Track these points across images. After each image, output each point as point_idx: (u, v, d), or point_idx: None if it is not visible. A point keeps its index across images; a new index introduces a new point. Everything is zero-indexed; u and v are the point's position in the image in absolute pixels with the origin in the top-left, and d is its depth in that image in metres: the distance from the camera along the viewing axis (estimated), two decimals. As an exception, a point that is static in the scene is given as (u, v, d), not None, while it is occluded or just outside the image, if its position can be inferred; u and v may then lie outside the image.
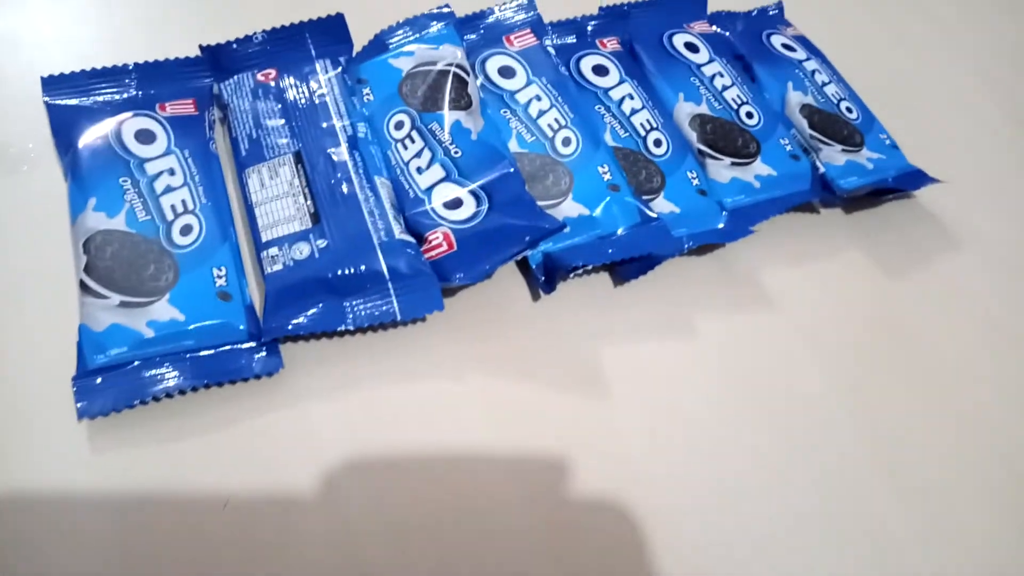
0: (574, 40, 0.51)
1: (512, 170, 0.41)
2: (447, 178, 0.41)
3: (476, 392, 0.38)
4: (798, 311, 0.44)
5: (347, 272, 0.37)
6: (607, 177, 0.43)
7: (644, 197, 0.44)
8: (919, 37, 0.63)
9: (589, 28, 0.52)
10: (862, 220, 0.49)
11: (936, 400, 0.42)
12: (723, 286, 0.44)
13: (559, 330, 0.41)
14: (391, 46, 0.46)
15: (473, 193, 0.40)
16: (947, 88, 0.59)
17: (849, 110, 0.52)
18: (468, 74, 0.44)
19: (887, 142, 0.51)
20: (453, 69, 0.44)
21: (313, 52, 0.45)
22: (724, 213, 0.45)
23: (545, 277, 0.41)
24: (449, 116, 0.42)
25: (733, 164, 0.47)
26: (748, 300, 0.44)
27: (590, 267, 0.41)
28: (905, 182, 0.49)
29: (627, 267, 0.43)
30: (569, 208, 0.42)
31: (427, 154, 0.41)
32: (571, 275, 0.41)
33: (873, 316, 0.45)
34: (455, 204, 0.40)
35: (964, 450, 0.40)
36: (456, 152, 0.41)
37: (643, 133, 0.46)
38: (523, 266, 0.43)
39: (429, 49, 0.45)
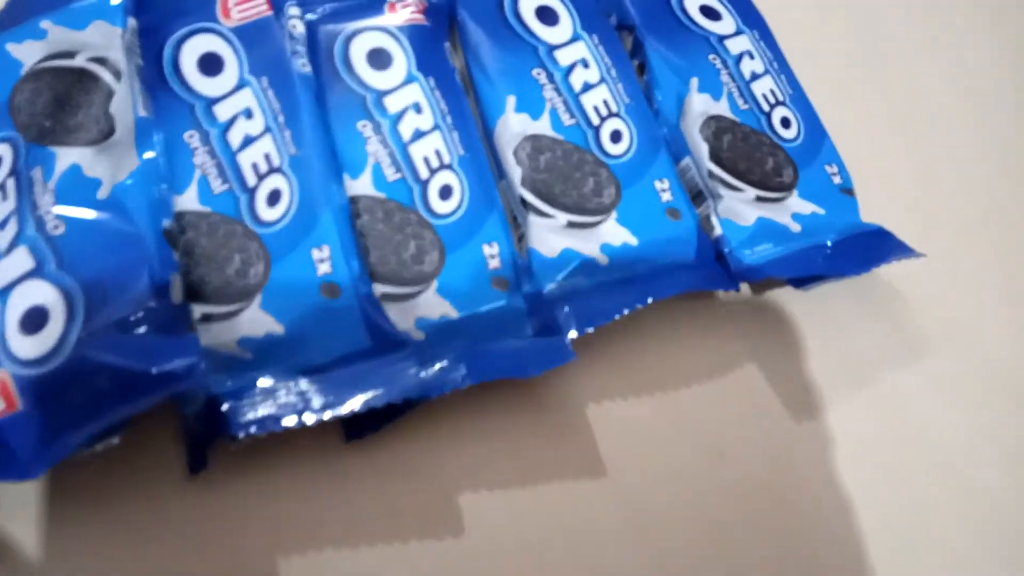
0: (364, 1, 0.33)
1: (146, 271, 0.24)
2: (36, 272, 0.24)
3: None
4: (642, 475, 0.28)
5: None
6: (324, 268, 0.26)
7: (398, 292, 0.27)
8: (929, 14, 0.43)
9: (392, -20, 0.33)
10: (772, 309, 0.32)
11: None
12: (526, 433, 0.28)
13: (230, 529, 0.25)
14: (24, 22, 0.28)
15: (69, 302, 0.24)
16: (952, 101, 0.40)
17: (786, 123, 0.33)
18: (119, 77, 0.27)
19: (836, 180, 0.33)
20: (94, 67, 0.27)
21: None
22: (532, 322, 0.28)
23: (195, 442, 0.25)
24: (63, 155, 0.25)
25: (571, 225, 0.29)
26: (564, 454, 0.28)
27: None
28: (852, 257, 0.31)
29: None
30: (252, 321, 0.25)
31: (12, 227, 0.25)
32: (236, 444, 0.24)
33: (760, 481, 0.28)
34: (34, 324, 0.24)
35: None
36: (56, 226, 0.24)
37: (425, 174, 0.29)
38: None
39: (70, 30, 0.28)
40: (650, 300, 0.28)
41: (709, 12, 0.35)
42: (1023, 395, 0.32)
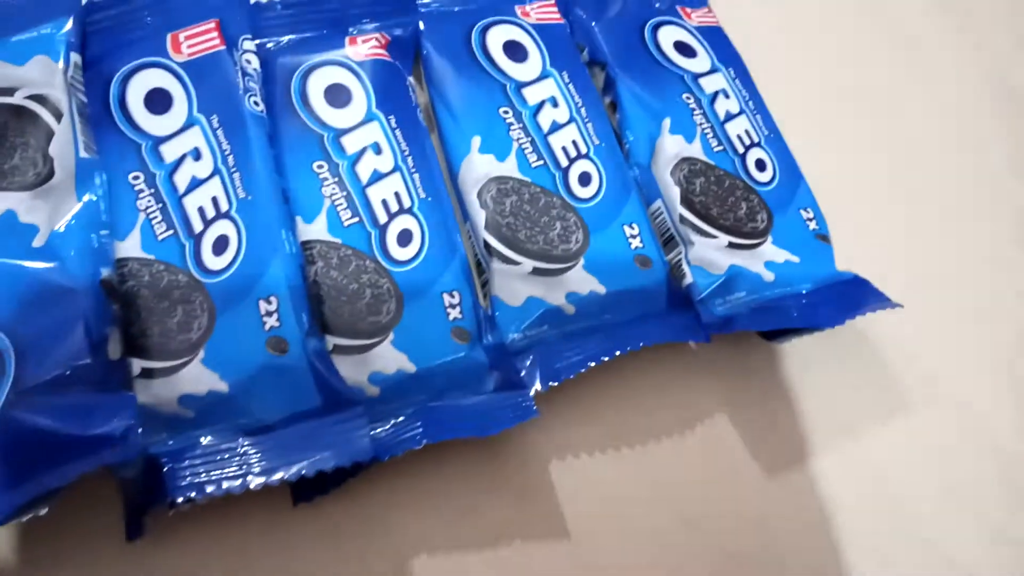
0: (324, 33, 0.31)
1: (82, 325, 0.23)
2: (-39, 327, 0.23)
3: None
4: (609, 538, 0.26)
5: None
6: (271, 322, 0.25)
7: (352, 344, 0.26)
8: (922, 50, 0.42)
9: (353, 11, 0.32)
10: (745, 359, 0.31)
11: None
12: (486, 494, 0.26)
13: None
14: (-38, 52, 0.27)
15: (-2, 360, 0.22)
16: (933, 143, 0.39)
17: (760, 166, 0.32)
18: (60, 117, 0.25)
19: (812, 226, 0.32)
20: (33, 106, 0.25)
21: None
22: (493, 375, 0.27)
23: (133, 506, 0.23)
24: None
25: (536, 272, 0.28)
26: (526, 516, 0.26)
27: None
28: (827, 309, 0.30)
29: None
30: (194, 378, 0.24)
31: (-63, 277, 0.23)
32: (174, 509, 0.23)
33: (733, 544, 0.27)
34: (-42, 383, 0.22)
35: None
36: (-15, 277, 0.23)
37: (384, 219, 0.28)
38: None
39: (9, 65, 0.26)
40: (618, 353, 0.27)
41: (684, 48, 0.34)
42: (1000, 453, 0.31)
